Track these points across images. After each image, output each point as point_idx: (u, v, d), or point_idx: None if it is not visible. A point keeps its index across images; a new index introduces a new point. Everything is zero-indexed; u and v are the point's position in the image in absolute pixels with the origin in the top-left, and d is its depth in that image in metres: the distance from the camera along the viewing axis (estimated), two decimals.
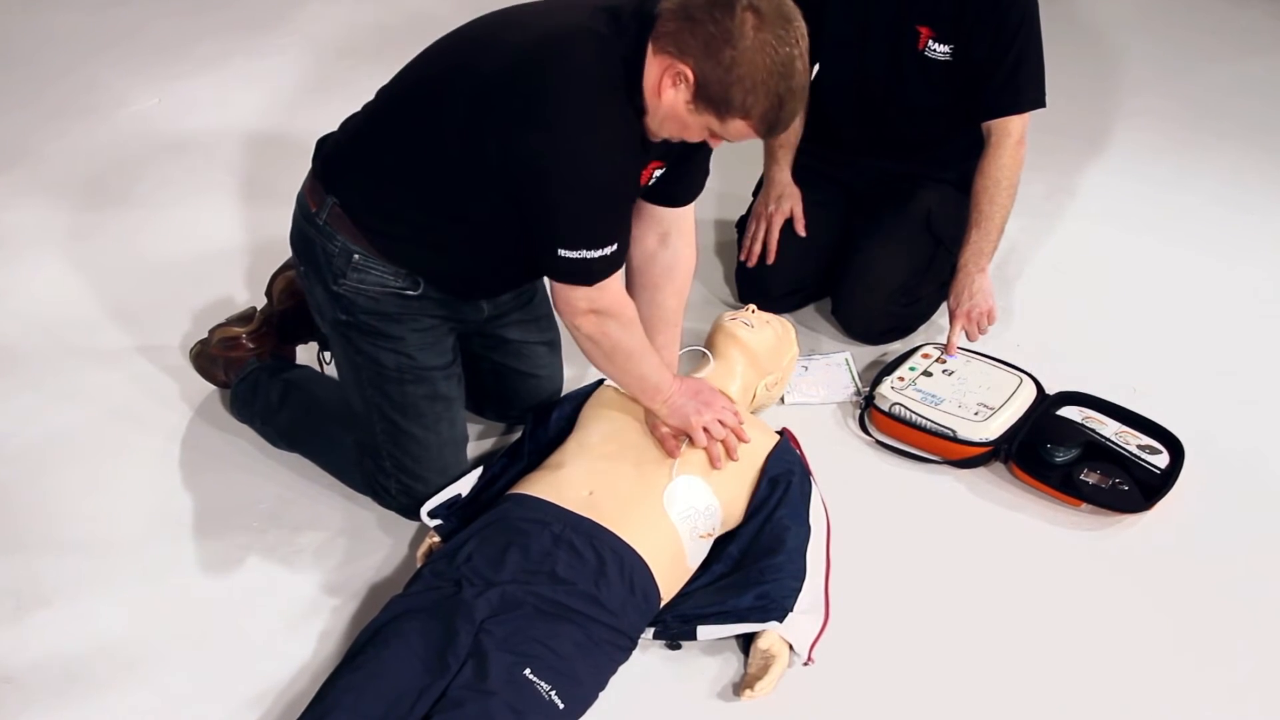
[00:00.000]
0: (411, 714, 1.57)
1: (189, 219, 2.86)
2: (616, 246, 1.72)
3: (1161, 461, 2.13)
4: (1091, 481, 2.10)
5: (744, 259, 2.51)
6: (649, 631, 1.82)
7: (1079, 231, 2.90)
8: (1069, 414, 2.23)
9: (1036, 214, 2.89)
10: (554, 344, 2.19)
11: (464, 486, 1.98)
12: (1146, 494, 2.08)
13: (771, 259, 2.47)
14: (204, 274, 2.64)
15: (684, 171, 1.88)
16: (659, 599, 1.81)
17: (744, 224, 2.57)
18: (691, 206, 1.96)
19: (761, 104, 1.61)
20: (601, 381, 2.11)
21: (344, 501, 2.10)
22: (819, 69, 2.34)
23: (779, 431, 2.08)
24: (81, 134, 3.20)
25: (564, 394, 2.19)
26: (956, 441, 2.18)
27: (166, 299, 2.56)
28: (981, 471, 2.19)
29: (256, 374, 2.20)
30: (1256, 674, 1.84)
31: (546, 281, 1.83)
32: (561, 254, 1.69)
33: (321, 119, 2.07)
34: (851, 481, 2.13)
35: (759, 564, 1.84)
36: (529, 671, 1.62)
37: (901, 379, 2.28)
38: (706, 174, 1.94)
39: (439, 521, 1.94)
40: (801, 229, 2.47)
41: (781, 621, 1.77)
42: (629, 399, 2.01)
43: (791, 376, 2.33)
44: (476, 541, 1.79)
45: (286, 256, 2.07)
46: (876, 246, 2.43)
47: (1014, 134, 2.30)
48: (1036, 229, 2.86)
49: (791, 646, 1.78)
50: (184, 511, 2.08)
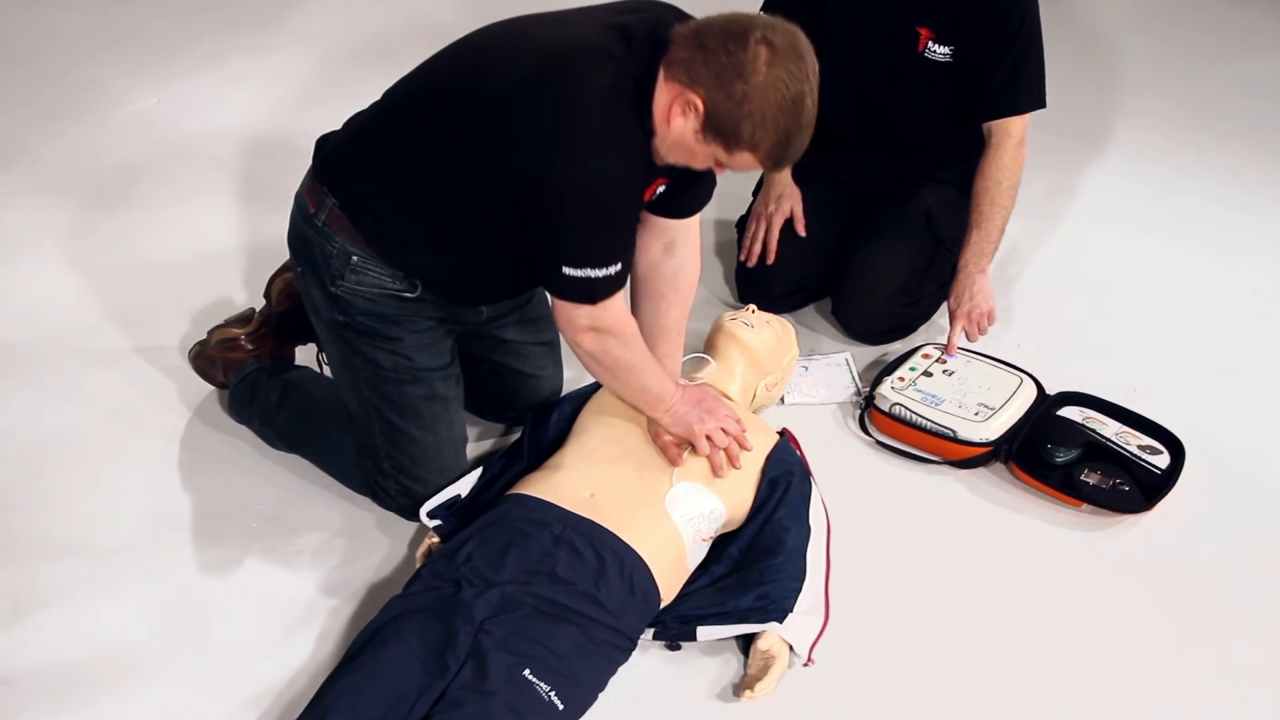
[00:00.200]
0: (410, 715, 1.57)
1: (188, 219, 2.85)
2: (621, 266, 1.72)
3: (1162, 462, 2.13)
4: (1092, 482, 2.09)
5: (744, 259, 2.51)
6: (649, 632, 1.81)
7: (1079, 231, 2.90)
8: (1069, 414, 2.23)
9: (1037, 214, 2.88)
10: (553, 344, 2.18)
11: (463, 487, 1.97)
12: (1147, 494, 2.08)
13: (771, 259, 2.46)
14: (202, 274, 2.63)
15: (688, 186, 1.87)
16: (659, 600, 1.81)
17: (744, 224, 2.56)
18: (697, 217, 1.95)
19: (770, 138, 1.62)
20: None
21: (343, 502, 2.10)
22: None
23: (779, 432, 2.08)
24: (80, 133, 3.19)
25: (564, 394, 2.18)
26: (957, 442, 2.17)
27: (165, 300, 2.56)
28: (982, 472, 2.19)
29: (255, 375, 2.19)
30: (1257, 674, 1.83)
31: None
32: (566, 272, 1.69)
33: (320, 119, 2.07)
34: (851, 482, 2.13)
35: (759, 565, 1.84)
36: (528, 672, 1.61)
37: (902, 379, 2.28)
38: (713, 186, 1.93)
39: (438, 522, 1.94)
40: (802, 229, 2.47)
41: (781, 622, 1.77)
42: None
43: (791, 377, 2.32)
44: (476, 542, 1.78)
45: (285, 257, 2.06)
46: (877, 246, 2.42)
47: (1015, 135, 2.30)
48: (1037, 229, 2.86)
49: (791, 647, 1.78)
50: (183, 512, 2.07)
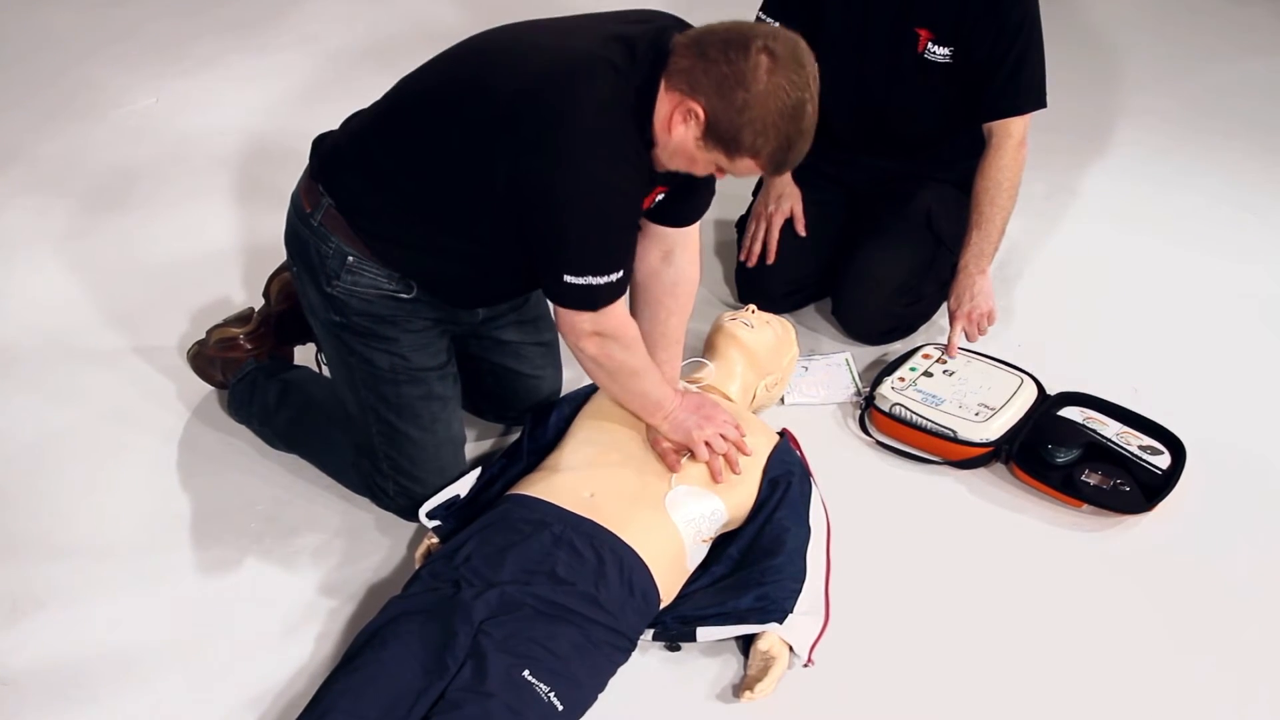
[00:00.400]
0: (410, 716, 1.56)
1: (186, 219, 2.85)
2: (622, 273, 1.73)
3: (1163, 462, 2.13)
4: (1093, 482, 2.09)
5: (744, 259, 2.50)
6: (648, 633, 1.81)
7: (1079, 231, 2.89)
8: (1070, 414, 2.22)
9: (1037, 214, 2.88)
10: (551, 344, 2.18)
11: (462, 487, 1.97)
12: (1148, 495, 2.07)
13: (771, 259, 2.46)
14: (201, 274, 2.63)
15: (687, 195, 1.87)
16: (658, 600, 1.81)
17: (744, 224, 2.56)
18: (696, 225, 1.95)
19: (770, 145, 1.63)
20: None
21: (342, 502, 2.09)
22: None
23: (779, 432, 2.08)
24: (78, 134, 3.19)
25: (563, 395, 2.18)
26: (957, 442, 2.17)
27: (163, 299, 2.55)
28: (982, 472, 2.18)
29: (254, 375, 2.19)
30: (1257, 674, 1.83)
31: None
32: (567, 280, 1.70)
33: (319, 119, 2.06)
34: (851, 482, 2.13)
35: (759, 565, 1.84)
36: (528, 673, 1.61)
37: (902, 379, 2.28)
38: (712, 194, 1.93)
39: (437, 522, 1.94)
40: (801, 229, 2.47)
41: (781, 623, 1.77)
42: None
43: (791, 377, 2.32)
44: (475, 542, 1.78)
45: (284, 257, 2.06)
46: (877, 246, 2.42)
47: (1015, 135, 2.29)
48: (1037, 229, 2.85)
49: (791, 648, 1.78)
50: (181, 513, 2.07)
